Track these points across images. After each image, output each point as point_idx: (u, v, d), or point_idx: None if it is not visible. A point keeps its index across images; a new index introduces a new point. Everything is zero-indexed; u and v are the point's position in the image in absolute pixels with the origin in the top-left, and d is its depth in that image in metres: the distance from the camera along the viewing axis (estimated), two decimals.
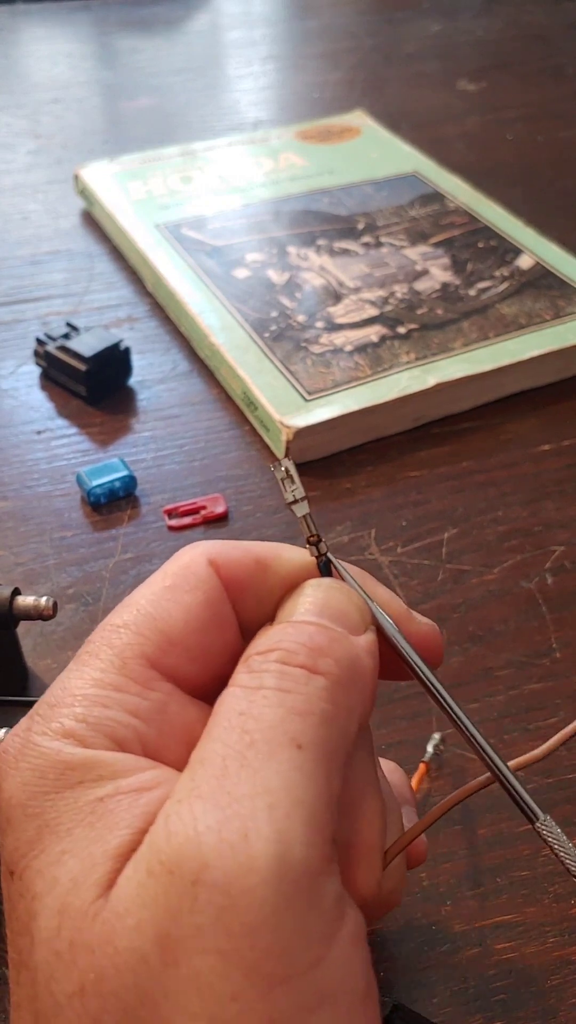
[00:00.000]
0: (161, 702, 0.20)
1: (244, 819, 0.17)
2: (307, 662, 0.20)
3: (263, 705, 0.19)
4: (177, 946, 0.16)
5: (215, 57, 1.00)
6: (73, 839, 0.18)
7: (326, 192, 0.67)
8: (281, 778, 0.18)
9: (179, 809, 0.17)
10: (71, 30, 1.04)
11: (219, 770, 0.18)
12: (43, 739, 0.19)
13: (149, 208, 0.64)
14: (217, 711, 0.20)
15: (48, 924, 0.17)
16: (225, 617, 0.22)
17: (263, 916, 0.16)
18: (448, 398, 0.51)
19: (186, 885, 0.16)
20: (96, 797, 0.18)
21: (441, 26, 1.05)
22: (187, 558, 0.22)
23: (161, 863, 0.17)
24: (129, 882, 0.17)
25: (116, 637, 0.21)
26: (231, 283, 0.57)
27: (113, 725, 0.20)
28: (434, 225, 0.63)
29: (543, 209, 0.69)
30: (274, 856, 0.17)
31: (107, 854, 0.18)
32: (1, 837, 0.19)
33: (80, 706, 0.20)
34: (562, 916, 0.31)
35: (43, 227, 0.68)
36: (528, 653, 0.40)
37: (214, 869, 0.16)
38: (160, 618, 0.21)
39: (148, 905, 0.16)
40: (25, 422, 0.51)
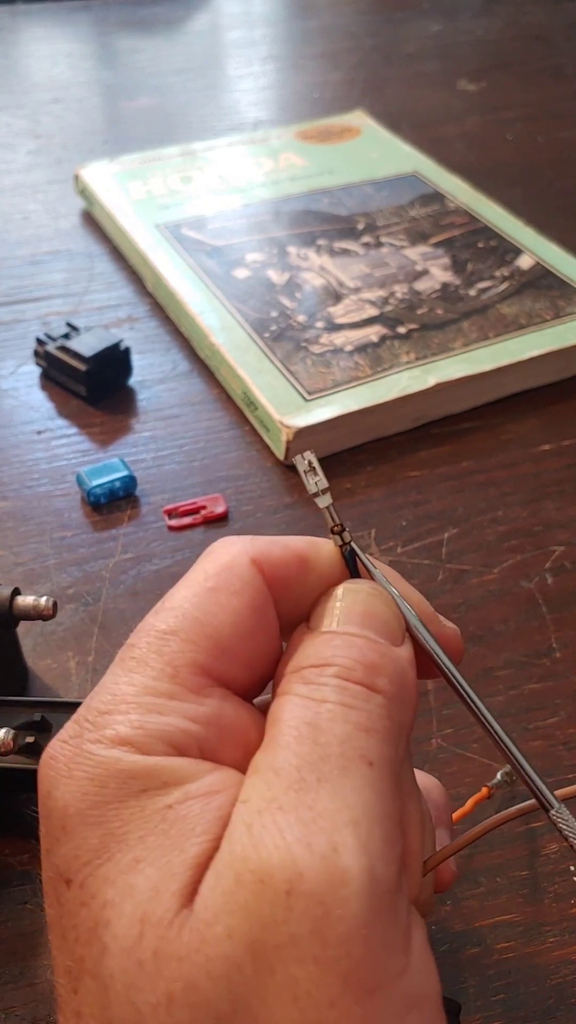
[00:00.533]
0: (216, 707, 0.20)
1: (330, 833, 0.17)
2: (365, 680, 0.20)
3: (330, 719, 0.19)
4: (272, 954, 0.16)
5: (215, 57, 1.00)
6: (146, 847, 0.18)
7: (326, 192, 0.67)
8: (358, 795, 0.18)
9: (262, 819, 0.17)
10: (71, 30, 1.04)
11: (296, 782, 0.18)
12: (98, 747, 0.19)
13: (149, 208, 0.64)
14: (280, 718, 0.20)
15: (128, 933, 0.17)
16: (271, 619, 0.22)
17: (356, 927, 0.17)
18: (448, 398, 0.51)
19: (279, 895, 0.16)
20: (165, 804, 0.18)
21: (441, 26, 1.05)
22: (228, 556, 0.22)
23: (251, 872, 0.17)
24: (214, 891, 0.17)
25: (165, 645, 0.21)
26: (231, 283, 0.57)
27: (171, 731, 0.19)
28: (434, 225, 0.63)
29: (543, 209, 0.69)
30: (364, 870, 0.17)
31: (186, 862, 0.17)
32: (53, 845, 0.19)
33: (135, 713, 0.19)
34: (562, 916, 0.31)
35: (43, 227, 0.68)
36: (528, 653, 0.40)
37: (308, 880, 0.17)
38: (208, 623, 0.21)
39: (237, 913, 0.17)
40: (25, 422, 0.51)
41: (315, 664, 0.21)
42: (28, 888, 0.32)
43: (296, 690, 0.20)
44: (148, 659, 0.20)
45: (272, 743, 0.19)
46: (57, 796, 0.19)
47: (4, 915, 0.31)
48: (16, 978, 0.30)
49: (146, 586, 0.42)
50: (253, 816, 0.18)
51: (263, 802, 0.18)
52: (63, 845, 0.18)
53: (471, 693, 0.22)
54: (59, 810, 0.19)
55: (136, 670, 0.20)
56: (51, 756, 0.20)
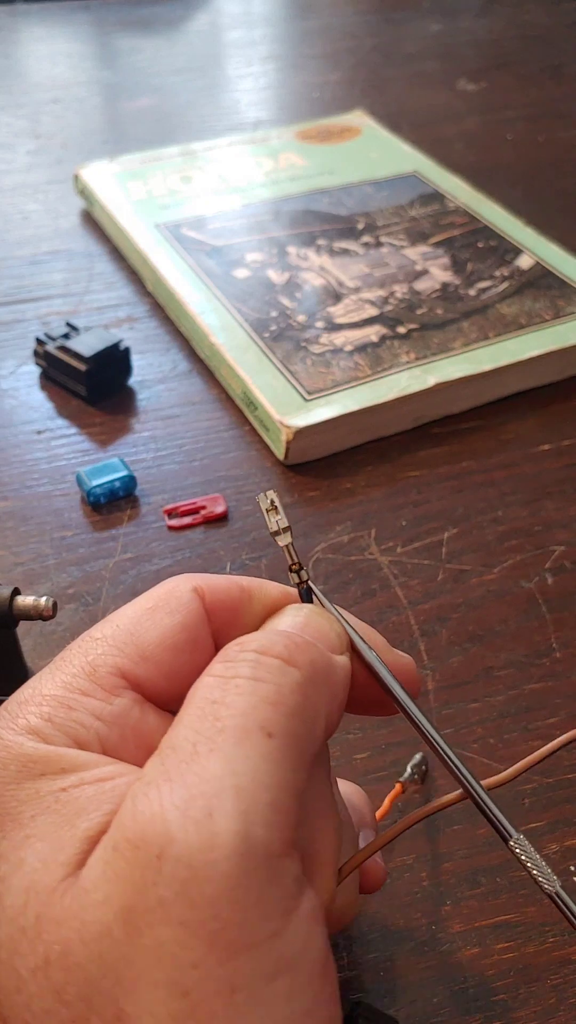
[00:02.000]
0: (124, 707, 0.21)
1: (209, 798, 0.17)
2: (284, 653, 0.21)
3: (235, 693, 0.19)
4: (140, 918, 0.17)
5: (215, 57, 1.00)
6: (37, 825, 0.19)
7: (326, 192, 0.67)
8: (249, 763, 0.18)
9: (147, 790, 0.18)
10: (71, 30, 1.04)
11: (188, 754, 0.18)
12: (7, 733, 0.20)
13: (149, 208, 0.64)
14: (190, 699, 0.20)
15: (14, 902, 0.18)
16: (201, 640, 0.23)
17: (224, 888, 0.17)
18: (448, 398, 0.51)
19: (150, 859, 0.17)
20: (60, 787, 0.19)
21: (441, 26, 1.05)
22: (172, 584, 0.24)
23: (127, 840, 0.17)
24: (97, 860, 0.18)
25: (91, 647, 0.22)
26: (231, 283, 0.57)
27: (75, 726, 0.20)
28: (434, 225, 0.63)
29: (543, 209, 0.69)
30: (236, 833, 0.17)
31: (75, 836, 0.18)
32: None
33: (47, 705, 0.21)
34: (562, 917, 0.31)
35: (43, 227, 0.68)
36: (528, 653, 0.40)
37: (178, 843, 0.17)
38: (137, 634, 0.22)
39: (113, 880, 0.17)
40: (25, 422, 0.51)
41: (239, 644, 0.21)
42: None
43: (213, 670, 0.21)
44: (73, 659, 0.22)
45: (176, 722, 0.20)
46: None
47: None
48: None
49: (146, 586, 0.42)
50: (139, 788, 0.18)
51: (152, 775, 0.18)
52: None
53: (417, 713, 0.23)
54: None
55: (61, 668, 0.22)
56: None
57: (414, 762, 0.35)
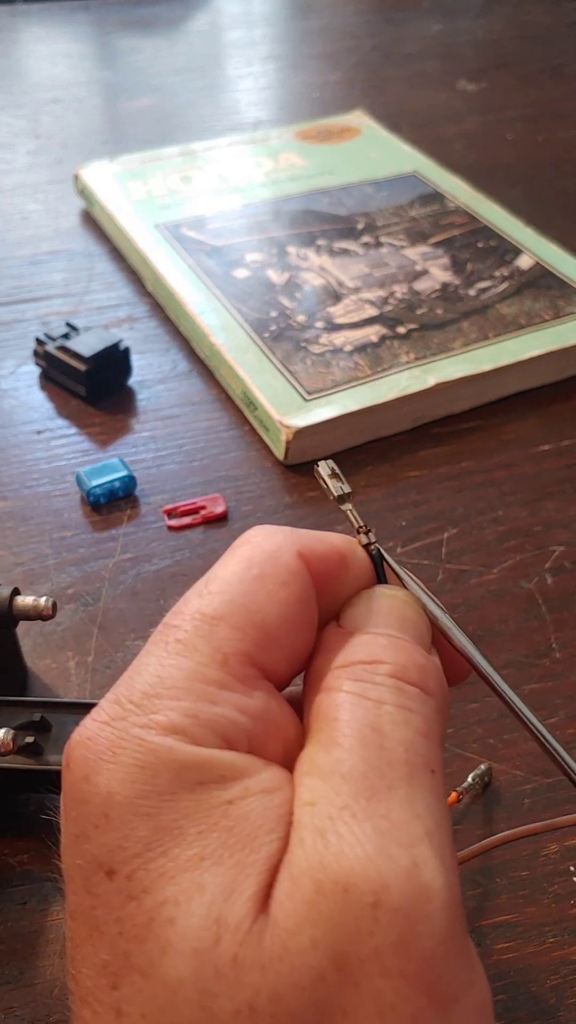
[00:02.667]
0: (264, 701, 0.20)
1: (409, 847, 0.17)
2: (419, 682, 0.20)
3: (392, 723, 0.19)
4: (356, 966, 0.16)
5: (215, 57, 1.00)
6: (208, 844, 0.17)
7: (326, 192, 0.67)
8: (426, 804, 0.18)
9: (336, 827, 0.17)
10: (71, 30, 1.04)
11: (366, 789, 0.18)
12: (148, 733, 0.18)
13: (149, 208, 0.64)
14: (337, 717, 0.19)
15: (201, 935, 0.16)
16: (313, 614, 0.22)
17: (438, 942, 0.17)
18: (448, 398, 0.51)
19: (364, 907, 0.16)
20: (225, 800, 0.18)
21: (441, 26, 1.05)
22: (273, 546, 0.21)
23: (334, 882, 0.17)
24: (293, 898, 0.17)
25: (214, 630, 0.20)
26: (231, 283, 0.57)
27: (223, 723, 0.19)
28: (434, 225, 0.63)
29: (543, 209, 0.69)
30: (444, 886, 0.17)
31: (258, 863, 0.17)
32: (89, 832, 0.18)
33: (187, 700, 0.19)
34: (562, 916, 0.31)
35: (43, 227, 0.68)
36: (528, 653, 0.40)
37: (394, 894, 0.17)
38: (256, 612, 0.20)
39: (321, 923, 0.16)
40: (25, 422, 0.51)
41: (365, 660, 0.20)
42: (28, 888, 0.32)
43: (348, 687, 0.20)
44: (196, 643, 0.19)
45: (332, 744, 0.19)
46: (99, 782, 0.18)
47: (4, 915, 0.31)
48: (16, 978, 0.30)
49: (146, 586, 0.42)
50: (325, 822, 0.17)
51: (334, 808, 0.18)
52: (105, 834, 0.18)
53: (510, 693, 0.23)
54: (101, 796, 0.18)
55: (183, 653, 0.19)
56: (88, 737, 0.19)
57: (478, 772, 0.34)
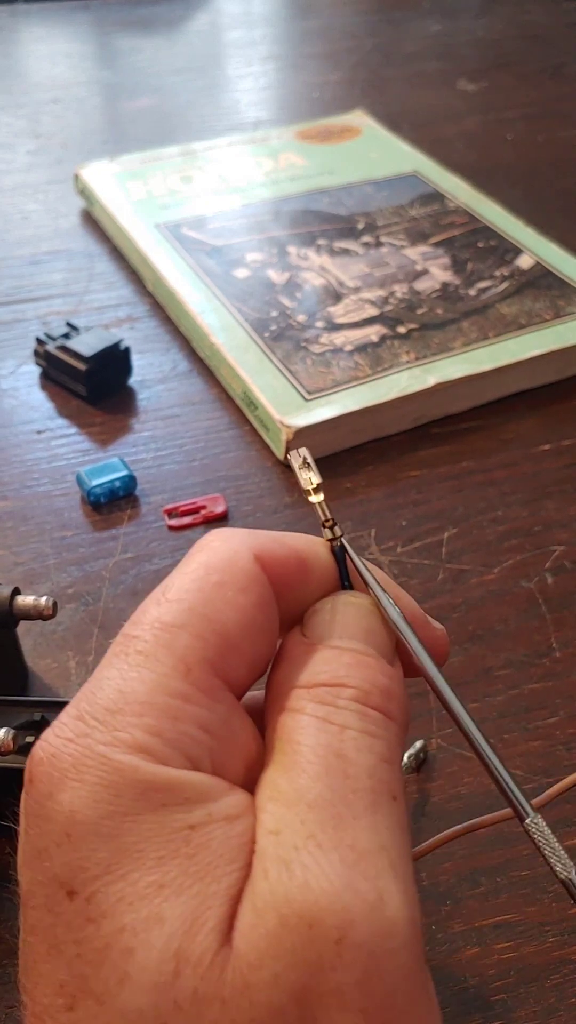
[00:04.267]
0: (226, 714, 0.19)
1: (374, 879, 0.17)
2: (382, 706, 0.20)
3: (355, 749, 0.19)
4: (316, 1001, 0.16)
5: (215, 57, 1.00)
6: (167, 871, 0.17)
7: (326, 192, 0.67)
8: (390, 834, 0.18)
9: (300, 857, 0.17)
10: (71, 30, 1.04)
11: (332, 817, 0.18)
12: (112, 751, 0.18)
13: (149, 208, 0.64)
14: (299, 741, 0.19)
15: (161, 968, 0.16)
16: (274, 619, 0.21)
17: (401, 978, 0.17)
18: (448, 398, 0.51)
19: (329, 943, 0.16)
20: (187, 824, 0.18)
21: (441, 26, 1.05)
22: (230, 551, 0.21)
23: (298, 916, 0.16)
24: (255, 930, 0.17)
25: (175, 639, 0.19)
26: (231, 283, 0.57)
27: (187, 741, 0.18)
28: (434, 225, 0.63)
29: (543, 209, 0.69)
30: (407, 920, 0.17)
31: (219, 895, 0.17)
32: (51, 850, 0.18)
33: (150, 716, 0.18)
34: (562, 916, 0.31)
35: (43, 227, 0.68)
36: (528, 653, 0.40)
37: (359, 929, 0.16)
38: (216, 619, 0.20)
39: (283, 958, 0.16)
40: (25, 422, 0.51)
41: (329, 683, 0.20)
42: None
43: (311, 710, 0.20)
44: (157, 654, 0.19)
45: (295, 768, 0.19)
46: (62, 799, 0.18)
47: (4, 915, 0.31)
48: (15, 978, 0.30)
49: (146, 586, 0.42)
50: (290, 852, 0.17)
51: (299, 838, 0.17)
52: (66, 853, 0.17)
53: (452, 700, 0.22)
54: (64, 815, 0.18)
55: (145, 665, 0.19)
56: (51, 754, 0.18)
57: (412, 750, 0.35)
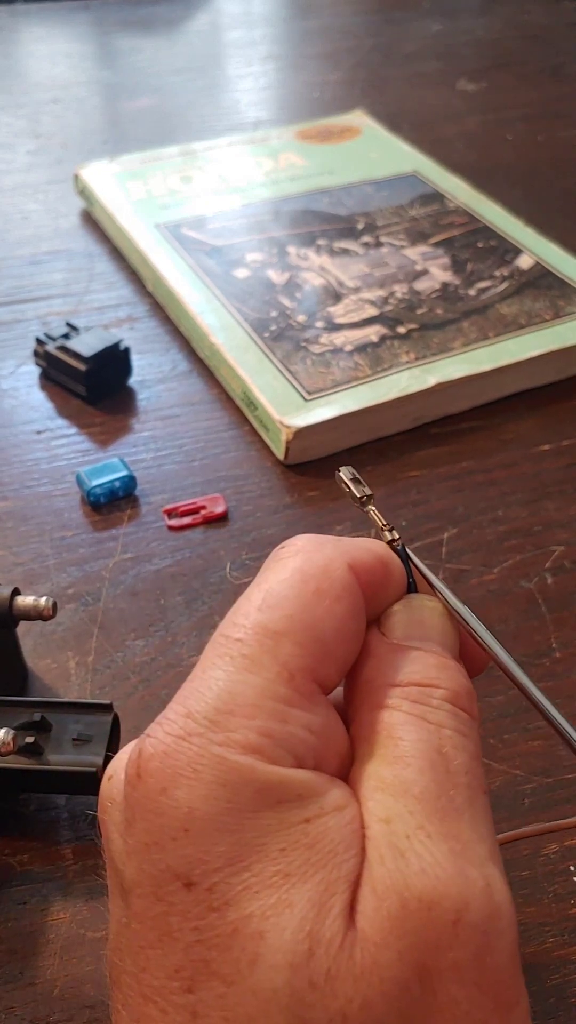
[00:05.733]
0: (325, 717, 0.21)
1: (480, 867, 0.19)
2: (468, 707, 0.22)
3: (453, 747, 0.21)
4: (435, 977, 0.18)
5: (215, 57, 1.00)
6: (291, 861, 0.18)
7: (326, 192, 0.67)
8: (486, 826, 0.20)
9: (414, 846, 0.19)
10: (71, 30, 1.04)
11: (437, 810, 0.19)
12: (227, 751, 0.19)
13: (149, 208, 0.64)
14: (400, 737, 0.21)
15: (295, 948, 0.18)
16: (363, 625, 0.23)
17: (508, 955, 0.19)
18: (448, 398, 0.51)
19: (447, 924, 0.18)
20: (303, 818, 0.19)
21: (441, 26, 1.05)
22: (325, 559, 0.22)
23: (418, 899, 0.18)
24: (379, 913, 0.18)
25: (279, 647, 0.20)
26: (231, 283, 0.57)
27: (294, 742, 0.20)
28: (434, 225, 0.63)
29: (543, 209, 0.69)
30: (509, 903, 0.19)
31: (340, 881, 0.18)
32: (167, 844, 0.19)
33: (261, 719, 0.19)
34: (562, 916, 0.31)
35: (43, 227, 0.68)
36: (528, 653, 0.40)
37: (473, 911, 0.18)
38: (316, 628, 0.21)
39: (407, 937, 0.18)
40: (25, 422, 0.51)
41: (422, 683, 0.22)
42: (28, 888, 0.32)
43: (407, 708, 0.21)
44: (263, 659, 0.20)
45: (399, 762, 0.20)
46: (178, 796, 0.19)
47: (4, 915, 0.31)
48: (16, 978, 0.30)
49: (146, 586, 0.42)
50: (403, 841, 0.19)
51: (410, 828, 0.19)
52: (183, 847, 0.18)
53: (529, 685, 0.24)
54: (181, 811, 0.19)
55: (251, 670, 0.20)
56: (164, 752, 0.19)
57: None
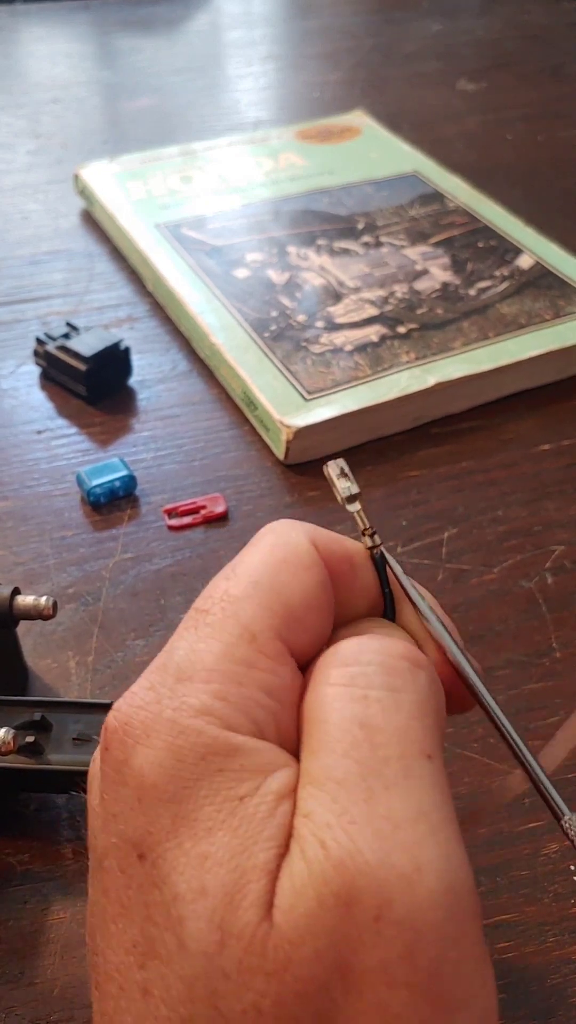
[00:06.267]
0: (291, 680, 0.20)
1: (411, 848, 0.17)
2: (407, 654, 0.20)
3: (382, 711, 0.19)
4: (360, 978, 0.16)
5: (215, 57, 1.00)
6: (214, 842, 0.17)
7: (326, 192, 0.67)
8: (427, 796, 0.18)
9: (335, 835, 0.17)
10: (71, 30, 1.04)
11: (363, 791, 0.18)
12: (179, 715, 0.18)
13: (149, 208, 0.64)
14: (326, 718, 0.19)
15: (207, 938, 0.17)
16: (331, 606, 0.21)
17: (444, 949, 0.17)
18: (448, 398, 0.51)
19: (368, 921, 0.16)
20: (237, 795, 0.18)
21: (441, 26, 1.05)
22: (294, 536, 0.21)
23: (335, 895, 0.17)
24: (295, 909, 0.17)
25: (241, 609, 0.20)
26: (231, 283, 0.57)
27: (251, 705, 0.19)
28: (434, 225, 0.63)
29: (543, 209, 0.69)
30: (448, 888, 0.17)
31: (257, 870, 0.17)
32: (124, 812, 0.18)
33: (217, 682, 0.19)
34: (562, 916, 0.31)
35: (43, 227, 0.68)
36: (528, 653, 0.40)
37: (397, 905, 0.16)
38: (282, 591, 0.20)
39: (324, 935, 0.17)
40: (25, 422, 0.51)
41: (354, 651, 0.20)
42: (28, 888, 0.32)
43: (332, 677, 0.19)
44: (224, 624, 0.19)
45: (323, 747, 0.19)
46: (134, 764, 0.18)
47: (4, 915, 0.31)
48: (16, 978, 0.30)
49: (146, 586, 0.42)
50: (324, 831, 0.17)
51: (332, 816, 0.17)
52: (137, 816, 0.18)
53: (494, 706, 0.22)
54: (136, 779, 0.18)
55: (212, 636, 0.19)
56: (125, 721, 0.19)
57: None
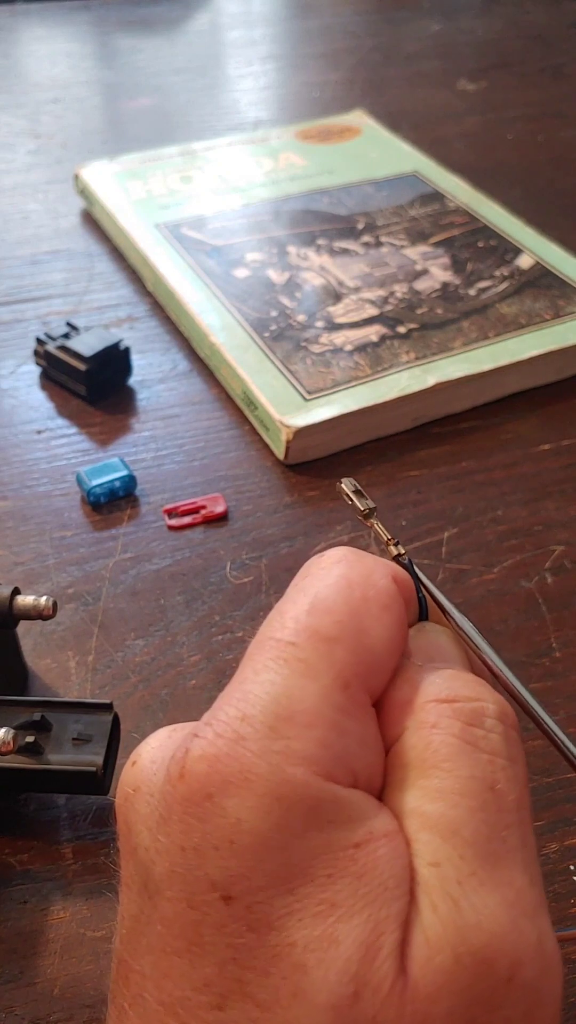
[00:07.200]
0: (375, 729, 0.20)
1: (533, 918, 0.18)
2: (513, 720, 0.20)
3: (506, 780, 0.19)
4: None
5: (215, 57, 1.00)
6: (338, 890, 0.17)
7: (326, 192, 0.67)
8: (534, 867, 0.19)
9: (468, 895, 0.18)
10: (71, 30, 1.04)
11: (490, 855, 0.18)
12: (285, 762, 0.18)
13: (149, 208, 0.64)
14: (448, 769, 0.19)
15: (339, 991, 0.17)
16: (405, 639, 0.21)
17: (556, 1010, 0.18)
18: (448, 398, 0.51)
19: (500, 981, 0.17)
20: (352, 843, 0.18)
21: (441, 26, 1.05)
22: (367, 568, 0.21)
23: (473, 955, 0.17)
24: (432, 964, 0.17)
25: (332, 652, 0.19)
26: (231, 283, 0.57)
27: (349, 757, 0.18)
28: (434, 225, 0.63)
29: (543, 209, 0.69)
30: (559, 959, 0.18)
31: (390, 920, 0.17)
32: (208, 852, 0.18)
33: (320, 728, 0.18)
34: (562, 916, 0.31)
35: (43, 227, 0.68)
36: (528, 653, 0.40)
37: (527, 969, 0.18)
38: (366, 635, 0.20)
39: (459, 994, 0.17)
40: (25, 422, 0.51)
41: (471, 697, 0.20)
42: (28, 888, 0.32)
43: (457, 731, 0.19)
44: (319, 665, 0.19)
45: (446, 799, 0.19)
46: (226, 805, 0.18)
47: (4, 915, 0.31)
48: (16, 978, 0.30)
49: (146, 586, 0.42)
50: (455, 888, 0.18)
51: (462, 874, 0.18)
52: (226, 858, 0.17)
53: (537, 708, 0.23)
54: (228, 821, 0.17)
55: (308, 675, 0.19)
56: (215, 756, 0.18)
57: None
